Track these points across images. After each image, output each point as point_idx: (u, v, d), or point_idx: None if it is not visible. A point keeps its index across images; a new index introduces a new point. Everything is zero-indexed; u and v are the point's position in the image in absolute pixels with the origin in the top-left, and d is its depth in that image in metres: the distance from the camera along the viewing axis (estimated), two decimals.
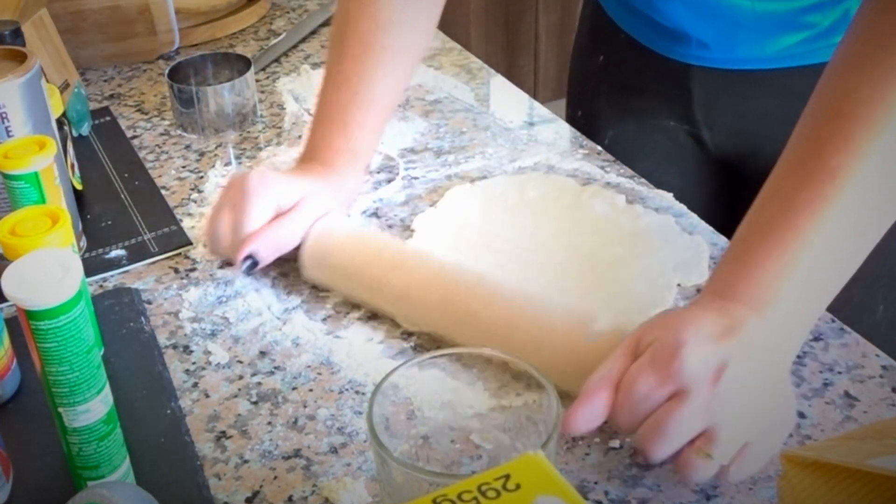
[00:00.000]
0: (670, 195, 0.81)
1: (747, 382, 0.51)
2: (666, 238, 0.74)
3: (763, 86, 0.85)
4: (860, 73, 0.55)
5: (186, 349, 0.67)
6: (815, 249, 0.54)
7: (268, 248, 0.70)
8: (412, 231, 0.78)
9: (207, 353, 0.67)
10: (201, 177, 0.89)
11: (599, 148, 0.90)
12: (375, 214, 0.81)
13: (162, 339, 0.68)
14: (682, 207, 0.79)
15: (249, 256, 0.70)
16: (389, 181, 0.86)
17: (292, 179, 0.74)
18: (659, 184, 0.83)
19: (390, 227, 0.79)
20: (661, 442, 0.51)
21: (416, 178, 0.86)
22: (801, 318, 0.56)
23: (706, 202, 0.59)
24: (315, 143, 0.78)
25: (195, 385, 0.64)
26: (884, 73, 0.54)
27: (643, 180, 0.83)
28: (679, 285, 0.70)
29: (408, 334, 0.67)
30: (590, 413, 0.53)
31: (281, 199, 0.71)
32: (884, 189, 0.55)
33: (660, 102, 0.94)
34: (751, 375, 0.52)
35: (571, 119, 1.05)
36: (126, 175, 0.89)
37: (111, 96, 1.06)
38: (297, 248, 0.72)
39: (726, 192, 0.94)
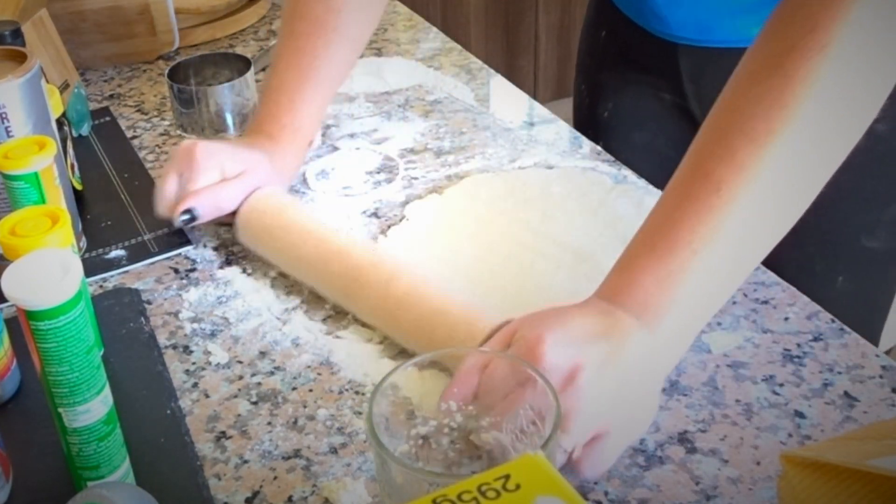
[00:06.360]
0: None
1: (604, 385, 0.53)
2: None
3: None
4: (750, 90, 0.57)
5: (186, 349, 0.67)
6: (699, 260, 0.56)
7: (207, 207, 0.75)
8: (405, 217, 0.80)
9: (207, 353, 0.67)
10: None
11: (599, 148, 0.90)
12: (375, 214, 0.81)
13: (162, 339, 0.68)
14: None
15: (189, 211, 0.75)
16: (389, 181, 0.86)
17: (238, 150, 0.79)
18: (655, 154, 0.89)
19: (390, 226, 0.79)
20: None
21: (415, 179, 0.86)
22: (685, 327, 0.58)
23: None
24: (263, 117, 0.83)
25: (195, 385, 0.64)
26: (770, 93, 0.56)
27: (643, 180, 0.83)
28: None
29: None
30: (459, 394, 0.55)
31: (226, 168, 0.77)
32: (769, 204, 0.57)
33: (654, 76, 0.97)
34: (610, 379, 0.53)
35: (577, 94, 1.10)
36: (126, 175, 0.89)
37: (111, 96, 1.06)
38: (234, 214, 0.76)
39: None
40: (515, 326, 0.57)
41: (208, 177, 0.76)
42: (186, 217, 0.75)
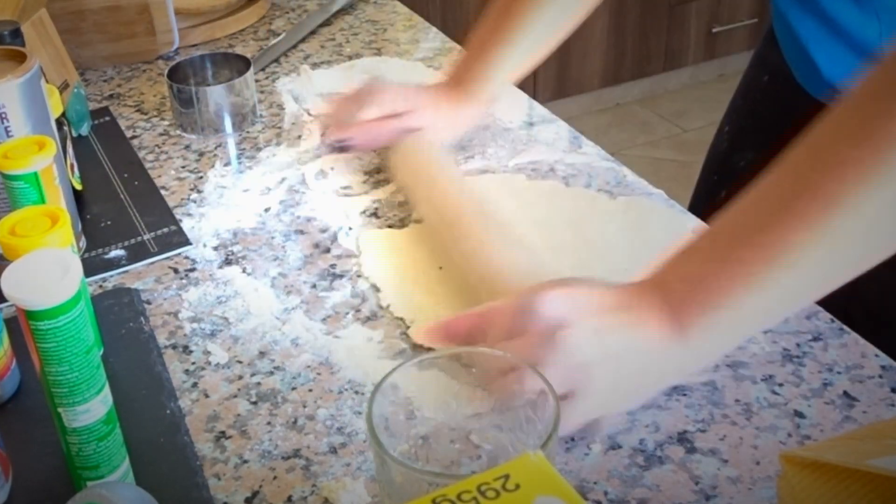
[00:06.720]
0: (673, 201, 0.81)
1: (585, 352, 0.53)
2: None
3: None
4: (861, 124, 0.51)
5: (186, 349, 0.67)
6: (764, 294, 0.52)
7: (359, 140, 0.85)
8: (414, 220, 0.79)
9: (207, 353, 0.67)
10: (201, 177, 0.89)
11: (599, 148, 0.90)
12: (375, 214, 0.81)
13: (161, 339, 0.68)
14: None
15: (342, 140, 0.85)
16: (389, 181, 0.86)
17: (410, 91, 0.87)
18: None
19: (390, 226, 0.79)
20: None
21: None
22: (720, 334, 0.55)
23: None
24: (456, 64, 0.90)
25: (195, 385, 0.64)
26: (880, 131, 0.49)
27: (642, 180, 0.83)
28: None
29: (407, 334, 0.67)
30: (453, 327, 0.61)
31: (396, 104, 0.85)
32: (860, 244, 0.52)
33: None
34: (593, 350, 0.53)
35: (717, 134, 1.04)
36: (126, 175, 0.89)
37: (111, 96, 1.06)
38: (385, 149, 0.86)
39: None
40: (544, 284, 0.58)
41: (369, 111, 0.85)
42: (340, 145, 0.85)
